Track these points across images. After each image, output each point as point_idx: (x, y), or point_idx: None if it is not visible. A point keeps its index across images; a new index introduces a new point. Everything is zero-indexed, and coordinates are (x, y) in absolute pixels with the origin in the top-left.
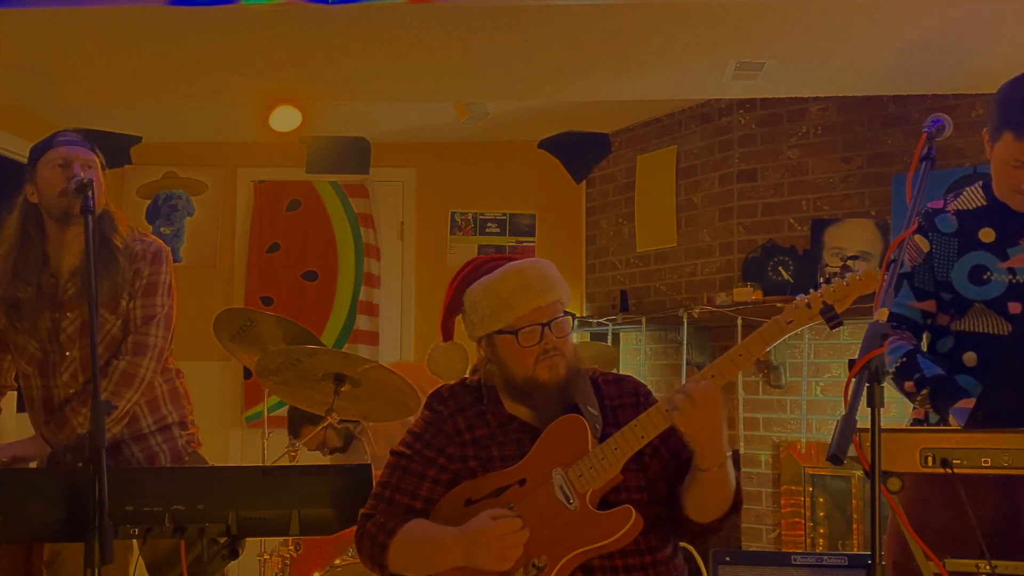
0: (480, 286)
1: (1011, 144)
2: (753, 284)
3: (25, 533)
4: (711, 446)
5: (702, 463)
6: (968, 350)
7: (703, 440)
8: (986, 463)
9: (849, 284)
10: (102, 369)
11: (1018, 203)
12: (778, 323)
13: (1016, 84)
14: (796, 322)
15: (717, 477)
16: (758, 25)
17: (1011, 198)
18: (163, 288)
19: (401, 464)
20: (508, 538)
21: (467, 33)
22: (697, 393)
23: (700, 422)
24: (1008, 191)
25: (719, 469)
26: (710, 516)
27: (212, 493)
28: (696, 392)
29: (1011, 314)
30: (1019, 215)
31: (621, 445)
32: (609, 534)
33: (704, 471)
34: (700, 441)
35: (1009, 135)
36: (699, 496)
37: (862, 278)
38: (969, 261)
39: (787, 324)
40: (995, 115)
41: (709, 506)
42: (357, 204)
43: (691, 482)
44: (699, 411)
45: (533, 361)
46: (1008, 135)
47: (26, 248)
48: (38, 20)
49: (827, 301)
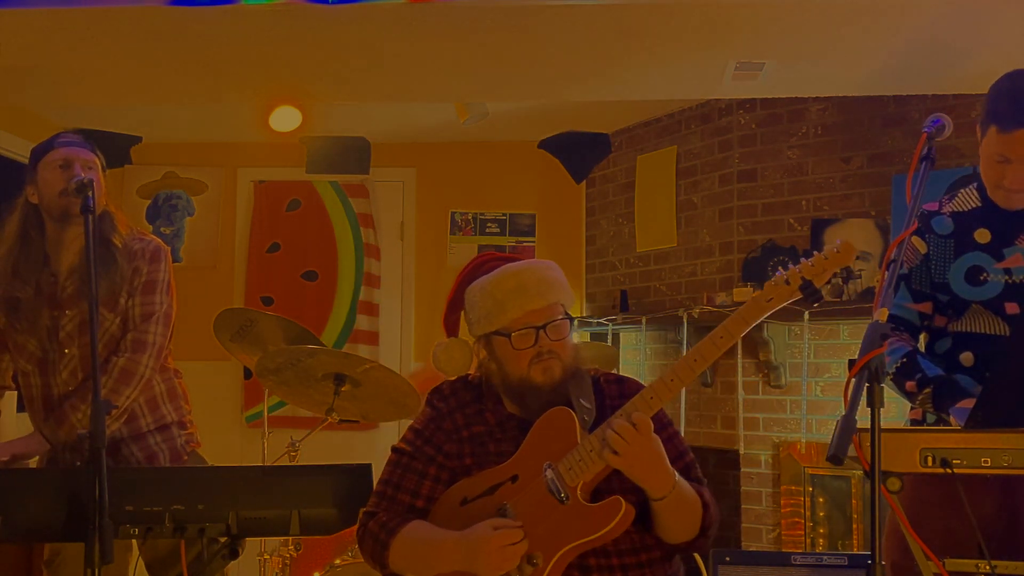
0: (477, 286)
1: (995, 138)
2: (753, 284)
3: (25, 533)
4: (654, 477)
5: (652, 494)
6: (965, 350)
7: (641, 475)
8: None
9: (828, 258)
10: (101, 367)
11: (1002, 199)
12: (757, 301)
13: (1003, 80)
14: (776, 299)
15: (673, 503)
16: (758, 25)
17: (996, 194)
18: (162, 286)
19: (403, 462)
20: (508, 549)
21: (467, 33)
22: (627, 429)
23: (635, 458)
24: (992, 186)
25: (673, 494)
26: (680, 538)
27: (212, 493)
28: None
29: (1008, 314)
30: (1014, 215)
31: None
32: (600, 526)
33: (658, 500)
34: (639, 477)
35: (993, 129)
36: (662, 521)
37: (839, 249)
38: (965, 262)
39: (767, 302)
40: (983, 111)
41: (676, 530)
42: (357, 204)
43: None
44: (632, 447)
45: (527, 363)
46: (992, 129)
47: (26, 248)
48: (38, 20)
49: (805, 276)
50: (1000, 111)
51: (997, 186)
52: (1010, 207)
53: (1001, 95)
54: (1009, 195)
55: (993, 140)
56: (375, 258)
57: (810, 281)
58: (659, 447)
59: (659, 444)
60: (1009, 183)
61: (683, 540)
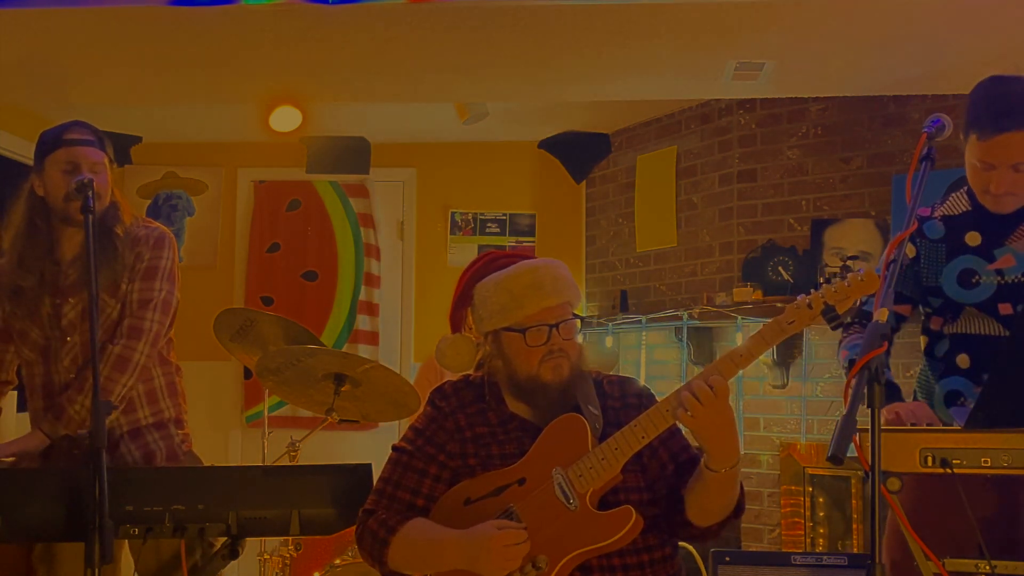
0: (492, 281)
1: (976, 146)
2: (753, 284)
3: (25, 533)
4: (723, 446)
5: (713, 464)
6: (961, 353)
7: (713, 439)
8: (986, 463)
9: (851, 285)
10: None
11: (990, 204)
12: (779, 323)
13: (979, 88)
14: (798, 322)
15: (726, 479)
16: (758, 25)
17: (984, 199)
18: (163, 273)
19: (403, 461)
20: (511, 549)
21: (467, 33)
22: (704, 391)
23: (709, 420)
24: (980, 192)
25: (730, 471)
26: (712, 519)
27: (212, 493)
28: (702, 390)
29: (1002, 315)
30: (1003, 217)
31: (621, 445)
32: (609, 535)
33: (714, 472)
34: (710, 439)
35: (973, 137)
36: (704, 498)
37: (864, 279)
38: (957, 265)
39: (788, 324)
40: (964, 119)
41: (713, 509)
42: (357, 204)
43: (697, 483)
44: (707, 409)
45: (538, 361)
46: (972, 136)
47: (33, 238)
48: (38, 20)
49: (828, 302)
50: (978, 119)
51: (984, 192)
52: (999, 211)
53: (978, 103)
54: (997, 200)
55: (975, 147)
56: (375, 258)
57: (832, 307)
58: (732, 416)
59: (732, 413)
60: (995, 188)
61: (719, 520)
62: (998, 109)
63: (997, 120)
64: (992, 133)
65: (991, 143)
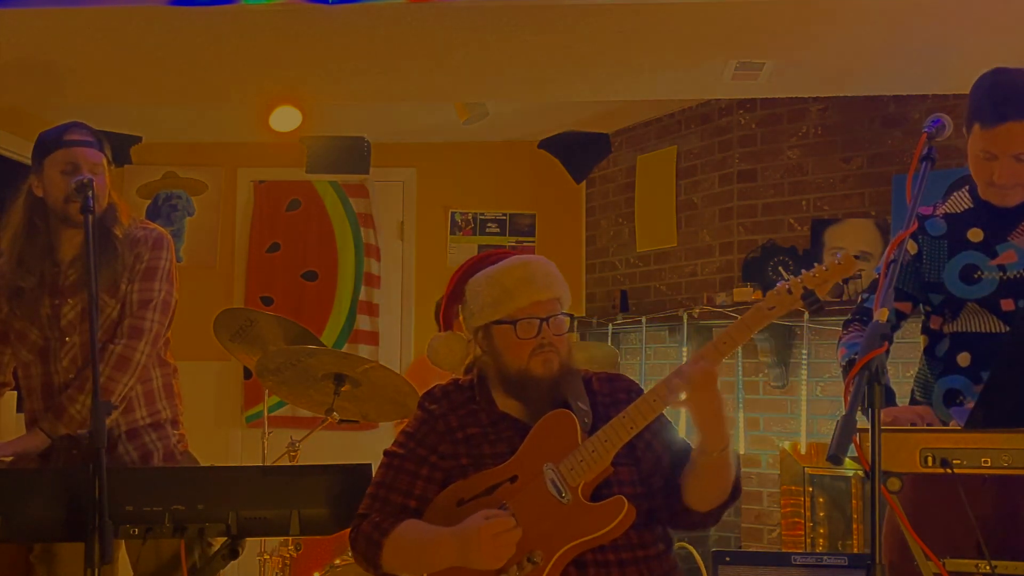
0: (483, 275)
1: (979, 135)
2: (753, 284)
3: (25, 533)
4: (715, 427)
5: (706, 446)
6: (962, 351)
7: (707, 420)
8: (986, 463)
9: (829, 269)
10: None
11: (995, 196)
12: (760, 309)
13: (983, 78)
14: (778, 308)
15: (719, 462)
16: (758, 25)
17: (988, 192)
18: (162, 273)
19: (395, 464)
20: (501, 537)
21: (467, 33)
22: (695, 374)
23: (701, 403)
24: (984, 184)
25: (722, 454)
26: (710, 504)
27: (212, 493)
28: (693, 373)
29: (1004, 311)
30: (1005, 212)
31: (611, 437)
32: (602, 525)
33: (707, 455)
34: (705, 421)
35: (976, 126)
36: (700, 482)
37: (841, 262)
38: (959, 261)
39: (769, 310)
40: (966, 111)
41: (710, 493)
42: (357, 204)
43: (693, 468)
44: (698, 392)
45: (528, 354)
46: (976, 127)
47: (32, 238)
48: (38, 20)
49: (807, 286)
50: (981, 108)
51: (988, 183)
52: (1004, 203)
53: (982, 92)
54: (1001, 191)
55: (977, 137)
56: (375, 258)
57: (812, 291)
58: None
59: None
60: (998, 179)
61: (717, 503)
62: (1001, 98)
63: (1000, 109)
64: (995, 122)
65: (993, 132)
